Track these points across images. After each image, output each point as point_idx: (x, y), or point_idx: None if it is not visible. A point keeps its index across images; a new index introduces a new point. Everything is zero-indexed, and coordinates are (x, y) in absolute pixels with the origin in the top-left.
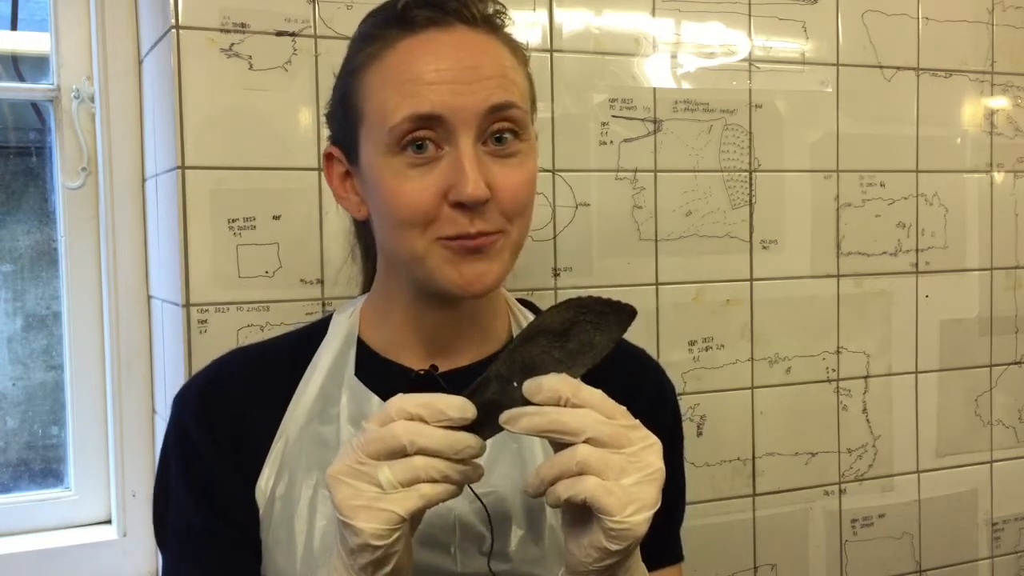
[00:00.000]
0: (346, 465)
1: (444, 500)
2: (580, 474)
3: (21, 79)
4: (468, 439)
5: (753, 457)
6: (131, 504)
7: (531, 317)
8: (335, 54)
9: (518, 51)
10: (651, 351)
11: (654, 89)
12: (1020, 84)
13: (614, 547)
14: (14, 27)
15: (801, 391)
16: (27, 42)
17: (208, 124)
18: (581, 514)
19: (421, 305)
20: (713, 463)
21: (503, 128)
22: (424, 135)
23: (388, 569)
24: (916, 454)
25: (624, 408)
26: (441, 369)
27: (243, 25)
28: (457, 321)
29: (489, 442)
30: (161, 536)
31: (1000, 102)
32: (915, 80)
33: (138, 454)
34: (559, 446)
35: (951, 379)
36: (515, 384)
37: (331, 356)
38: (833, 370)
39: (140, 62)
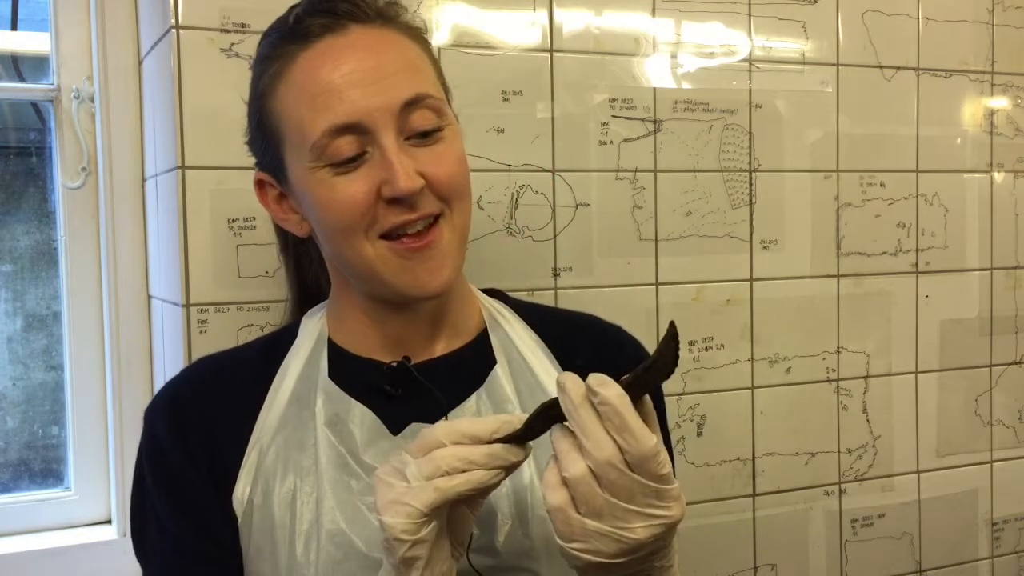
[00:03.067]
0: (390, 465)
1: (468, 491)
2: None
3: (21, 79)
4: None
5: (753, 457)
6: None
7: (500, 307)
8: None
9: (419, 37)
10: (651, 351)
11: (654, 89)
12: (1020, 84)
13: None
14: (14, 27)
15: (801, 391)
16: (27, 42)
17: (208, 124)
18: None
19: (380, 312)
20: (713, 463)
21: (420, 119)
22: (345, 144)
23: (421, 568)
24: (916, 454)
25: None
26: (414, 360)
27: (243, 25)
28: (420, 322)
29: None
30: (141, 553)
31: (1000, 102)
32: (915, 80)
33: None
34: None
35: (951, 379)
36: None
37: (302, 360)
38: (833, 370)
39: (140, 62)
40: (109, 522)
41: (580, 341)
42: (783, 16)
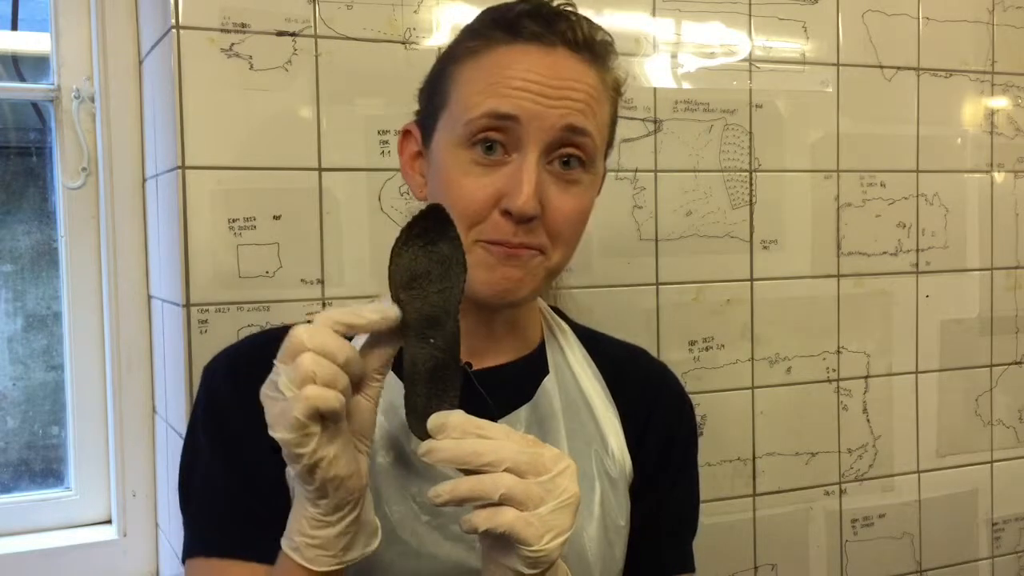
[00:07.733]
0: (269, 379)
1: (340, 406)
2: (499, 504)
3: (21, 79)
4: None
5: (753, 457)
6: (131, 504)
7: (561, 323)
8: (335, 54)
9: (609, 87)
10: (651, 351)
11: (654, 89)
12: (1020, 84)
13: (529, 571)
14: (14, 27)
15: (801, 391)
16: (27, 42)
17: (208, 124)
18: (499, 537)
19: None
20: (713, 463)
21: (571, 153)
22: (497, 136)
23: (325, 469)
24: (916, 454)
25: (532, 436)
26: (476, 367)
27: (243, 25)
28: (492, 327)
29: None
30: (185, 501)
31: (1000, 102)
32: (915, 80)
33: (138, 454)
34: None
35: (951, 379)
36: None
37: None
38: (833, 370)
39: (140, 62)
40: (109, 522)
41: (629, 368)
42: (783, 16)
